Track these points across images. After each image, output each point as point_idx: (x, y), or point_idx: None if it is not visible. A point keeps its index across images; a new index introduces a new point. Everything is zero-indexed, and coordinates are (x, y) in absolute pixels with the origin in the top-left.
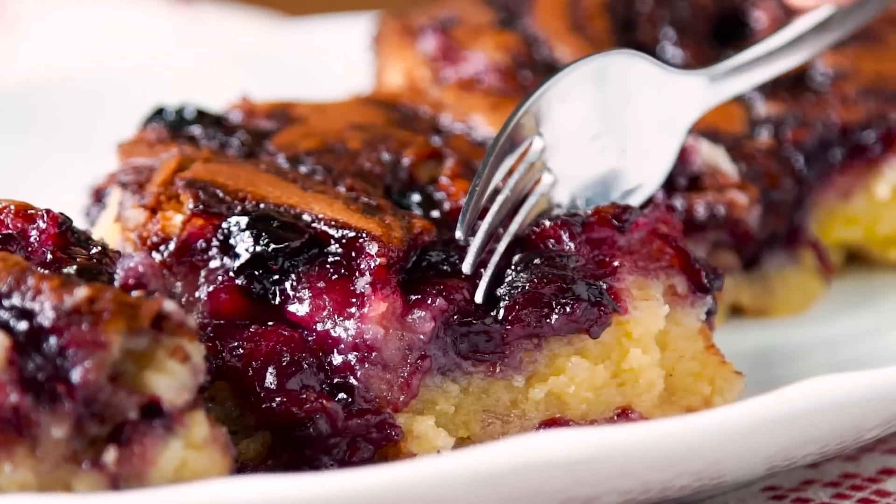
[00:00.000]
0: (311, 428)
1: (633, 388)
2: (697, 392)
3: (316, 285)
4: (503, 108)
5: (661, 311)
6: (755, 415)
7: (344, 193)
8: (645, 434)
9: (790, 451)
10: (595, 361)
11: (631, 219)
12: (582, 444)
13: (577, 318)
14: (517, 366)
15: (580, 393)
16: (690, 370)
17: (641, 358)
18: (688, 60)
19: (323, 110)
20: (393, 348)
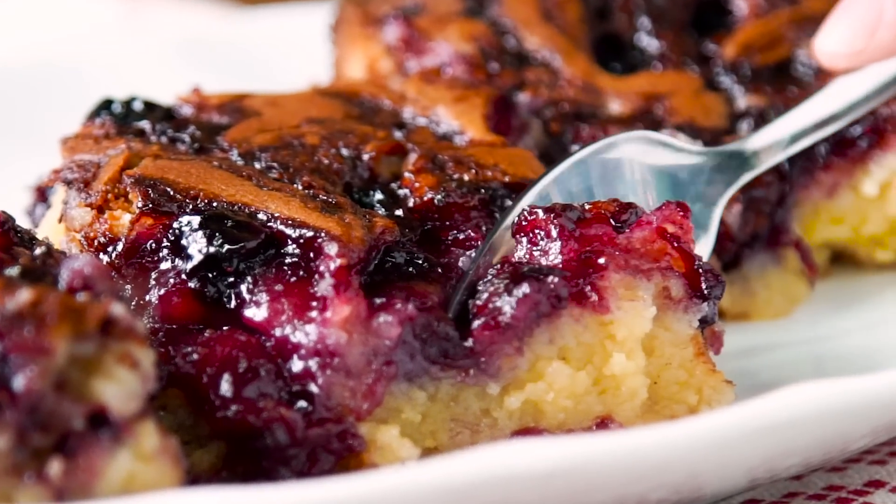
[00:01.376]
0: (268, 438)
1: (615, 396)
2: (683, 402)
3: (273, 288)
4: (469, 100)
5: (648, 312)
6: (735, 424)
7: (301, 191)
8: (619, 444)
9: (773, 463)
10: (577, 366)
11: (631, 218)
12: (553, 456)
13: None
14: (494, 373)
15: (559, 401)
16: (677, 379)
17: (625, 364)
18: (664, 50)
19: (279, 103)
20: (356, 354)
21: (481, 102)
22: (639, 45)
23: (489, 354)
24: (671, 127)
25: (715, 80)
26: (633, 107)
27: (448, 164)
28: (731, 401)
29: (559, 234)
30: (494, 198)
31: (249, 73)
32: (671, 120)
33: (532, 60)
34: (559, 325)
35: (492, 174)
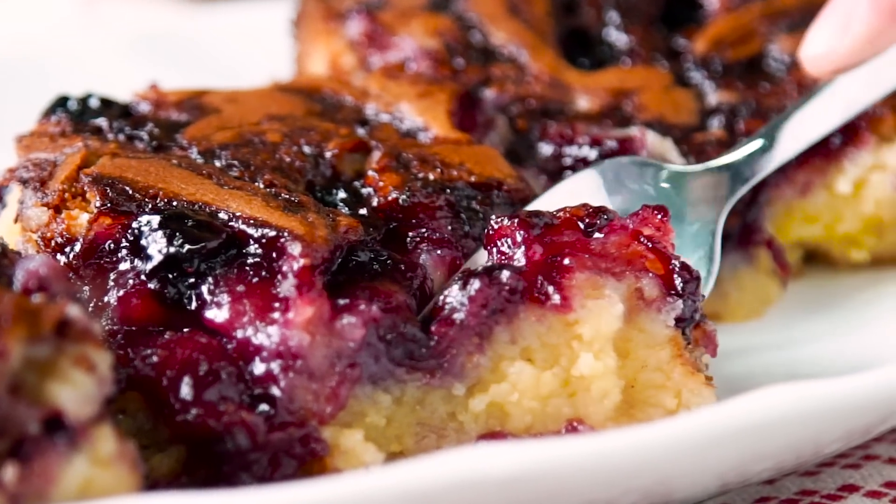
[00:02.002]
0: (229, 442)
1: (585, 398)
2: (660, 405)
3: (235, 289)
4: (433, 96)
5: (615, 310)
6: (706, 428)
7: (263, 190)
8: (587, 448)
9: (744, 467)
10: (542, 366)
11: (600, 222)
12: (520, 459)
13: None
14: (458, 372)
15: (524, 402)
16: (653, 381)
17: (593, 364)
18: (633, 45)
19: (239, 100)
20: (319, 356)
21: (446, 98)
22: (607, 39)
23: (450, 353)
24: (640, 123)
25: (685, 75)
26: (602, 103)
27: (413, 163)
28: (711, 402)
29: (524, 240)
30: (460, 198)
31: (209, 69)
32: (640, 116)
33: (498, 56)
34: (520, 324)
35: (457, 174)
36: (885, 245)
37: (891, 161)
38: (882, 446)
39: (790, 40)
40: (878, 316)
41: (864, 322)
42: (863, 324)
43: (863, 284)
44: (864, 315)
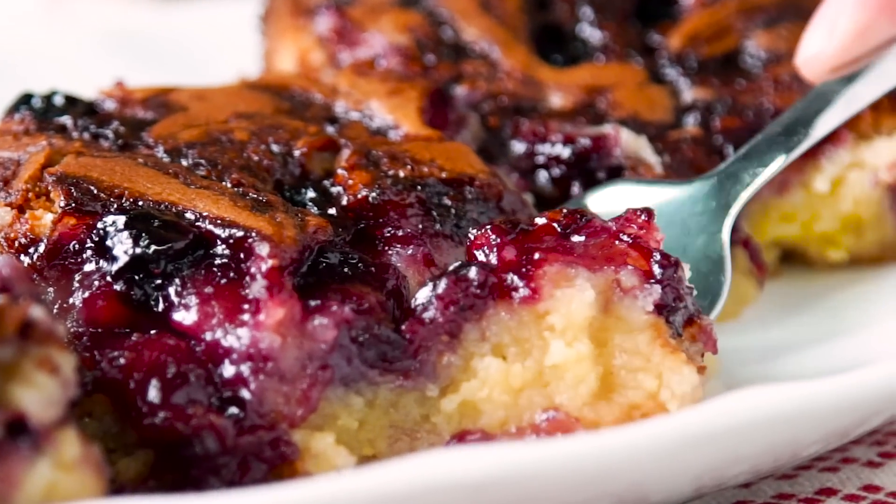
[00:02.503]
0: (197, 446)
1: (559, 386)
2: (640, 387)
3: (203, 290)
4: (404, 93)
5: (585, 296)
6: (681, 430)
7: (230, 189)
8: (559, 452)
9: (720, 470)
10: (514, 360)
11: (578, 224)
12: (492, 463)
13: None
14: (431, 373)
15: (495, 397)
16: (632, 365)
17: (565, 351)
18: (607, 41)
19: (206, 97)
20: (290, 358)
21: (416, 96)
22: (581, 35)
23: (423, 353)
24: (614, 121)
25: (660, 72)
26: (575, 100)
27: (383, 160)
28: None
29: (497, 244)
30: (431, 195)
31: (175, 66)
32: (614, 114)
33: (469, 52)
34: (490, 321)
35: (428, 170)
36: (864, 245)
37: (869, 159)
38: (860, 449)
39: (766, 36)
40: (856, 317)
41: (842, 323)
42: (841, 325)
43: (841, 285)
44: (842, 316)
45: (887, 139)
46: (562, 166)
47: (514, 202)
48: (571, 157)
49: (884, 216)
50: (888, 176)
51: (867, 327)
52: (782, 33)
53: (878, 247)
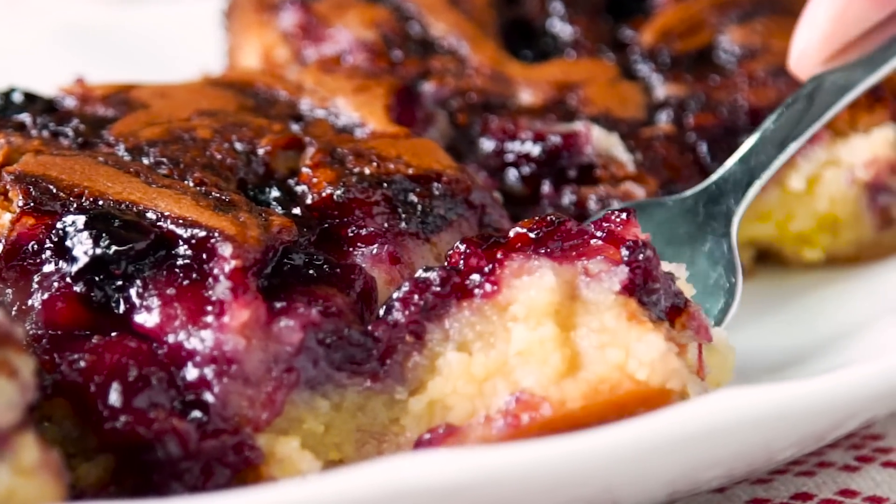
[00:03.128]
0: (159, 450)
1: (524, 370)
2: (607, 361)
3: (165, 292)
4: (370, 90)
5: (544, 281)
6: (653, 434)
7: (193, 188)
8: (530, 456)
9: (693, 475)
10: (478, 353)
11: (551, 228)
12: (460, 468)
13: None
14: (399, 375)
15: (460, 389)
16: (598, 342)
17: (528, 335)
18: (578, 37)
19: (168, 95)
20: (255, 361)
21: (383, 93)
22: (551, 30)
23: (390, 355)
24: (585, 118)
25: (632, 68)
26: (545, 97)
27: (348, 158)
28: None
29: (466, 254)
30: (398, 192)
31: (137, 63)
32: (585, 111)
33: (437, 48)
34: (453, 320)
35: (395, 167)
36: (840, 244)
37: (845, 157)
38: (837, 453)
39: (740, 31)
40: (832, 317)
41: (818, 324)
42: (817, 326)
43: (817, 285)
44: (819, 317)
45: (864, 137)
46: (532, 164)
47: (483, 198)
48: (541, 154)
49: (860, 215)
50: (865, 174)
51: (844, 329)
52: (757, 28)
53: (855, 246)
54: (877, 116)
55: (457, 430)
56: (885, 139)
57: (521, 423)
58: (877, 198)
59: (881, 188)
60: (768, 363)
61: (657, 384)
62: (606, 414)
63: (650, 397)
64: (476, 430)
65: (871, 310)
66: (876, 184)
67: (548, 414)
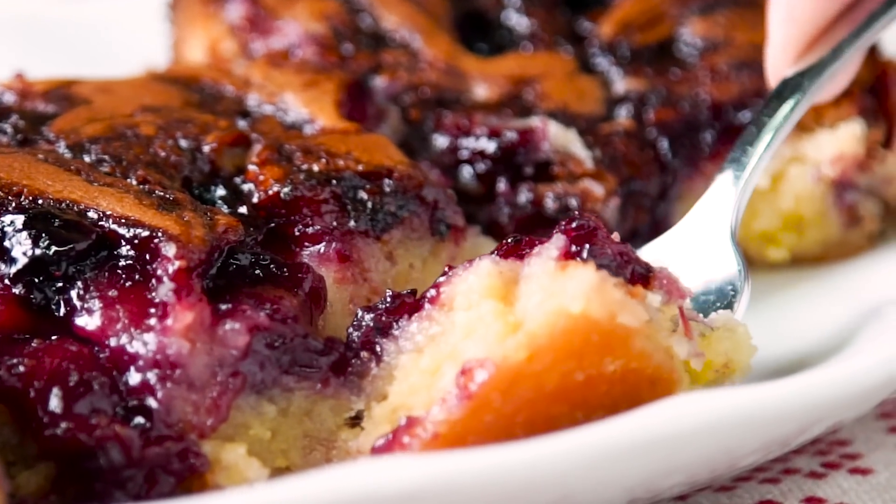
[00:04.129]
0: (101, 458)
1: (467, 343)
2: (545, 310)
3: (107, 294)
4: (320, 85)
5: (481, 266)
6: (611, 440)
7: (136, 186)
8: (485, 463)
9: (653, 482)
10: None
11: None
12: (412, 475)
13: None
14: (358, 387)
15: (415, 385)
16: (538, 301)
17: (469, 315)
18: (534, 29)
19: (111, 90)
20: (200, 365)
21: (333, 88)
22: (506, 23)
23: (344, 368)
24: (542, 113)
25: (590, 61)
26: (501, 91)
27: (296, 155)
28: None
29: None
30: (347, 189)
31: (79, 57)
32: (542, 105)
33: (389, 41)
34: (405, 332)
35: (344, 163)
36: (806, 243)
37: (811, 153)
38: (803, 459)
39: (703, 23)
40: (796, 319)
41: (782, 326)
42: (780, 328)
43: (781, 285)
44: (783, 319)
45: (830, 132)
46: (487, 161)
47: (435, 194)
48: (497, 151)
49: (827, 213)
50: (831, 171)
51: (809, 330)
52: (719, 20)
53: (821, 245)
54: (843, 110)
55: (416, 420)
56: (851, 134)
57: (470, 390)
58: (843, 195)
59: (848, 185)
60: None
61: (600, 316)
62: (565, 365)
63: (608, 339)
64: (435, 415)
65: (837, 311)
66: (842, 181)
67: (492, 372)
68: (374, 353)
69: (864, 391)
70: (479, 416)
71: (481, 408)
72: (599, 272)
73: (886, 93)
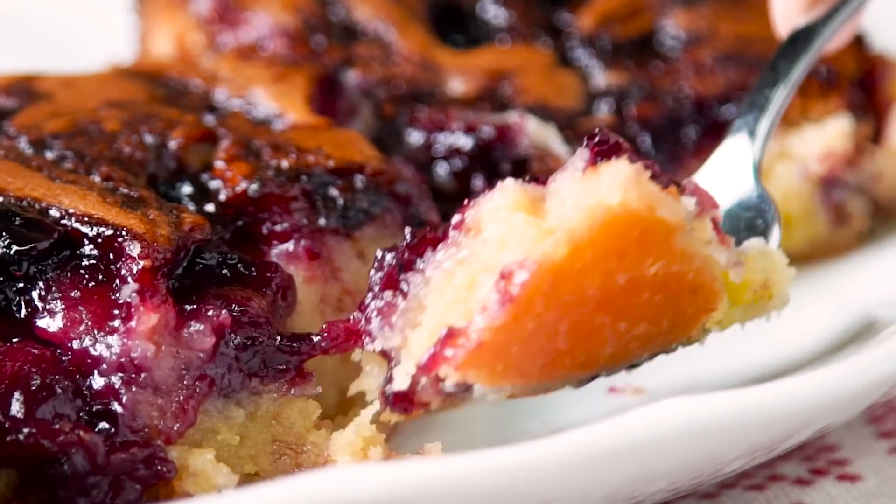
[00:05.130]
0: (65, 464)
1: (502, 254)
2: (582, 207)
3: (69, 294)
4: (290, 79)
5: (506, 185)
6: (591, 445)
7: (99, 184)
8: (461, 469)
9: (634, 489)
10: (458, 270)
11: None
12: (384, 482)
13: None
14: (388, 327)
15: (450, 300)
16: (572, 204)
17: (500, 227)
18: (512, 22)
19: (74, 85)
20: (166, 368)
21: (303, 82)
22: (483, 15)
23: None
24: (520, 108)
25: (569, 55)
26: (477, 85)
27: (265, 151)
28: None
29: None
30: (318, 185)
31: (40, 50)
32: (520, 100)
33: (362, 34)
34: (429, 263)
35: (314, 159)
36: (792, 242)
37: (798, 149)
38: (789, 465)
39: (686, 16)
40: (782, 320)
41: (767, 327)
42: (765, 329)
43: None
44: (767, 319)
45: (817, 127)
46: (462, 158)
47: (409, 189)
48: (473, 147)
49: (814, 211)
50: (819, 168)
51: (795, 332)
52: (703, 12)
53: (808, 244)
54: (831, 104)
55: (458, 332)
56: (839, 130)
57: (511, 294)
58: (831, 193)
59: (836, 182)
60: (714, 370)
61: (640, 208)
62: (606, 265)
63: (649, 235)
64: (478, 324)
65: (824, 312)
66: (830, 178)
67: (532, 270)
68: (399, 291)
69: (852, 395)
70: (522, 322)
71: (524, 312)
72: (634, 164)
73: (875, 87)
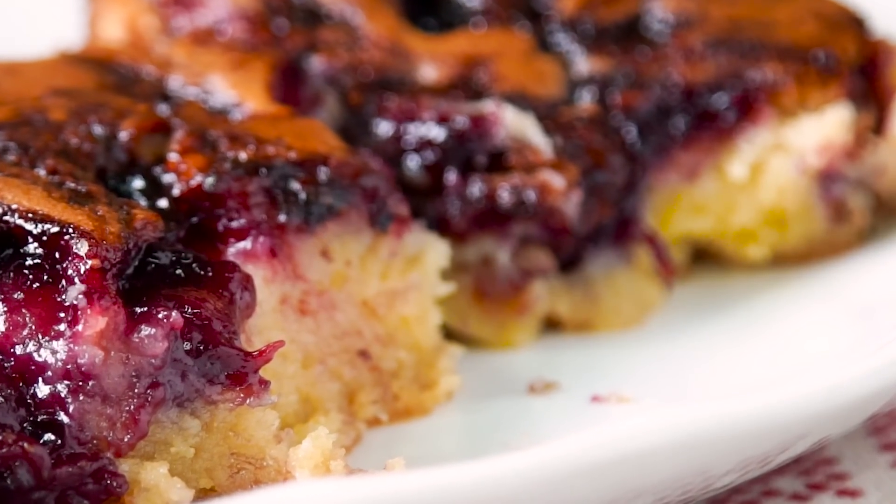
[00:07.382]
0: (8, 478)
1: None
2: None
3: (12, 296)
4: (249, 66)
5: None
6: (573, 459)
7: (44, 177)
8: (436, 483)
9: (621, 503)
10: None
11: None
12: (347, 499)
13: None
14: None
15: None
16: None
17: None
18: (488, 4)
19: (18, 72)
20: (115, 375)
21: (264, 69)
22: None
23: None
24: (496, 97)
25: (549, 39)
26: (451, 72)
27: (221, 142)
28: None
29: None
30: (278, 179)
31: None
32: (496, 88)
33: (327, 17)
34: None
35: (275, 150)
36: (788, 240)
37: (794, 140)
38: (785, 480)
39: None
40: (779, 324)
41: (762, 333)
42: (760, 335)
43: (761, 287)
44: (762, 324)
45: (815, 117)
46: (435, 150)
47: (375, 181)
48: (446, 139)
49: (811, 207)
50: (817, 161)
51: (791, 337)
52: None
53: (805, 243)
54: (830, 92)
55: None
56: (839, 120)
57: None
58: (830, 188)
59: (835, 177)
60: (705, 376)
61: None
62: None
63: None
64: None
65: (823, 315)
66: (829, 172)
67: None
68: None
69: (852, 404)
70: None
71: None
72: None
73: (877, 74)
